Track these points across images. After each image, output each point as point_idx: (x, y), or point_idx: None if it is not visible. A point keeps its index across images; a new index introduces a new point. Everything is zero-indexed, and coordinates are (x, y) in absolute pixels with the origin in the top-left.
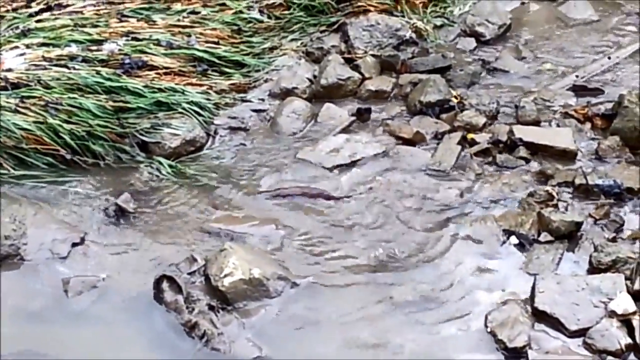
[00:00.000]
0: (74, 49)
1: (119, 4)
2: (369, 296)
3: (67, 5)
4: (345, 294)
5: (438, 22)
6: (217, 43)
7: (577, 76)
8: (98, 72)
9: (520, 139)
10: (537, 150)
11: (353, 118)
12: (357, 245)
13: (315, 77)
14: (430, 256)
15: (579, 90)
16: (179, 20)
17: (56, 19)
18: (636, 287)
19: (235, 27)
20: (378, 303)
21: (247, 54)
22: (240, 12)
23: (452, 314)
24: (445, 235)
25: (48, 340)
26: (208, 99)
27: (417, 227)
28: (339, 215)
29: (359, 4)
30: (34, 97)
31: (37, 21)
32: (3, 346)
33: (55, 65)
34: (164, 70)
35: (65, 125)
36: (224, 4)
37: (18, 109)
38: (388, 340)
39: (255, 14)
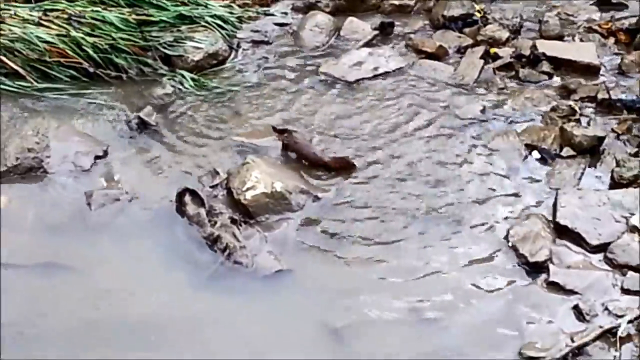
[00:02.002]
0: None
1: None
2: (391, 210)
3: None
4: (367, 208)
5: None
6: None
7: None
8: None
9: (544, 54)
10: (560, 65)
11: (376, 32)
12: (378, 158)
13: None
14: (451, 170)
15: (602, 4)
16: None
17: None
18: None
19: None
20: (400, 214)
21: None
22: None
23: (474, 229)
24: (468, 149)
25: (71, 253)
26: (231, 13)
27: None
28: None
29: None
30: (57, 10)
31: None
32: (26, 258)
33: None
34: None
35: (88, 38)
36: None
37: (41, 22)
38: (406, 251)
39: None
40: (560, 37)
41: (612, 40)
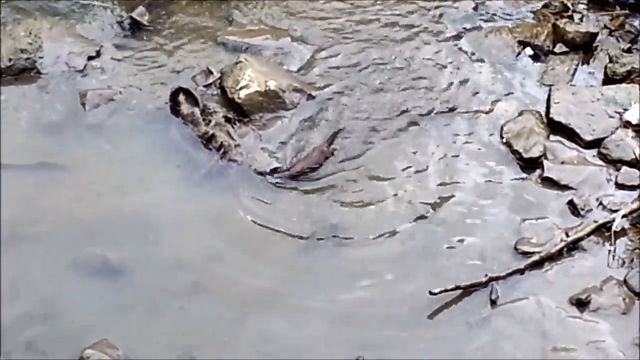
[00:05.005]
0: None
1: None
2: (385, 104)
3: None
4: (362, 104)
5: None
6: None
7: None
8: None
9: None
10: None
11: None
12: (371, 57)
13: None
14: (445, 67)
15: None
16: None
17: None
18: None
19: None
20: (394, 111)
21: None
22: None
23: (468, 125)
24: (460, 45)
25: (65, 153)
26: None
27: (432, 38)
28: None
29: None
30: None
31: None
32: (21, 157)
33: None
34: None
35: None
36: None
37: None
38: (403, 146)
39: None
40: None
41: None
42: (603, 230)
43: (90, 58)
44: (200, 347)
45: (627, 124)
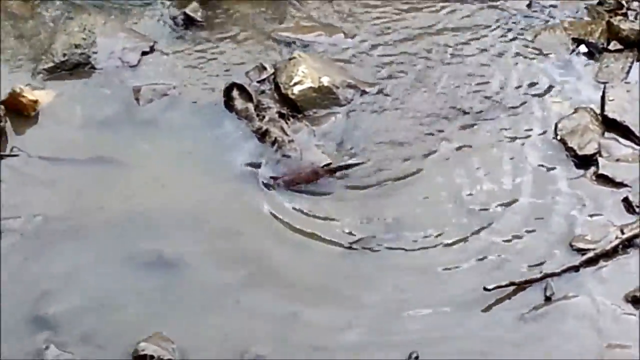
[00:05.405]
0: None
1: None
2: (436, 101)
3: None
4: (414, 100)
5: None
6: None
7: None
8: None
9: None
10: None
11: None
12: (425, 54)
13: None
14: (498, 64)
15: None
16: None
17: None
18: None
19: None
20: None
21: None
22: None
23: (521, 122)
24: (514, 43)
25: (119, 147)
26: None
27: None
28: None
29: None
30: None
31: None
32: (77, 152)
33: None
34: None
35: None
36: None
37: None
38: (453, 140)
39: None
40: None
41: None
42: None
43: (144, 53)
44: (256, 340)
45: None
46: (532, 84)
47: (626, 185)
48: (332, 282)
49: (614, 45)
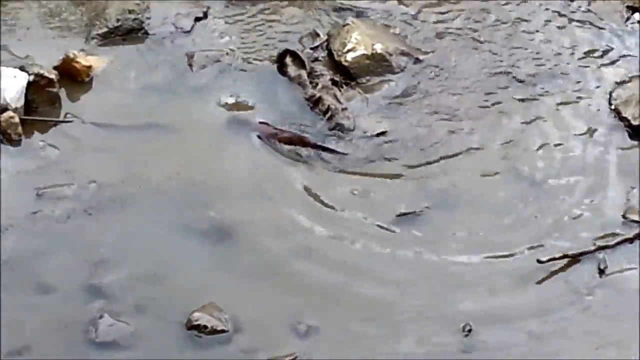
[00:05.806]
0: None
1: None
2: (492, 69)
3: None
4: (469, 67)
5: None
6: None
7: None
8: None
9: None
10: None
11: None
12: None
13: None
14: (552, 32)
15: None
16: None
17: None
18: None
19: None
20: (501, 74)
21: None
22: None
23: (575, 91)
24: (569, 10)
25: (173, 113)
26: None
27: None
28: None
29: None
30: None
31: None
32: (130, 119)
33: None
34: None
35: None
36: None
37: None
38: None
39: None
40: None
41: None
42: None
43: (197, 19)
44: (308, 310)
45: None
46: (587, 52)
47: None
48: (380, 257)
49: None
